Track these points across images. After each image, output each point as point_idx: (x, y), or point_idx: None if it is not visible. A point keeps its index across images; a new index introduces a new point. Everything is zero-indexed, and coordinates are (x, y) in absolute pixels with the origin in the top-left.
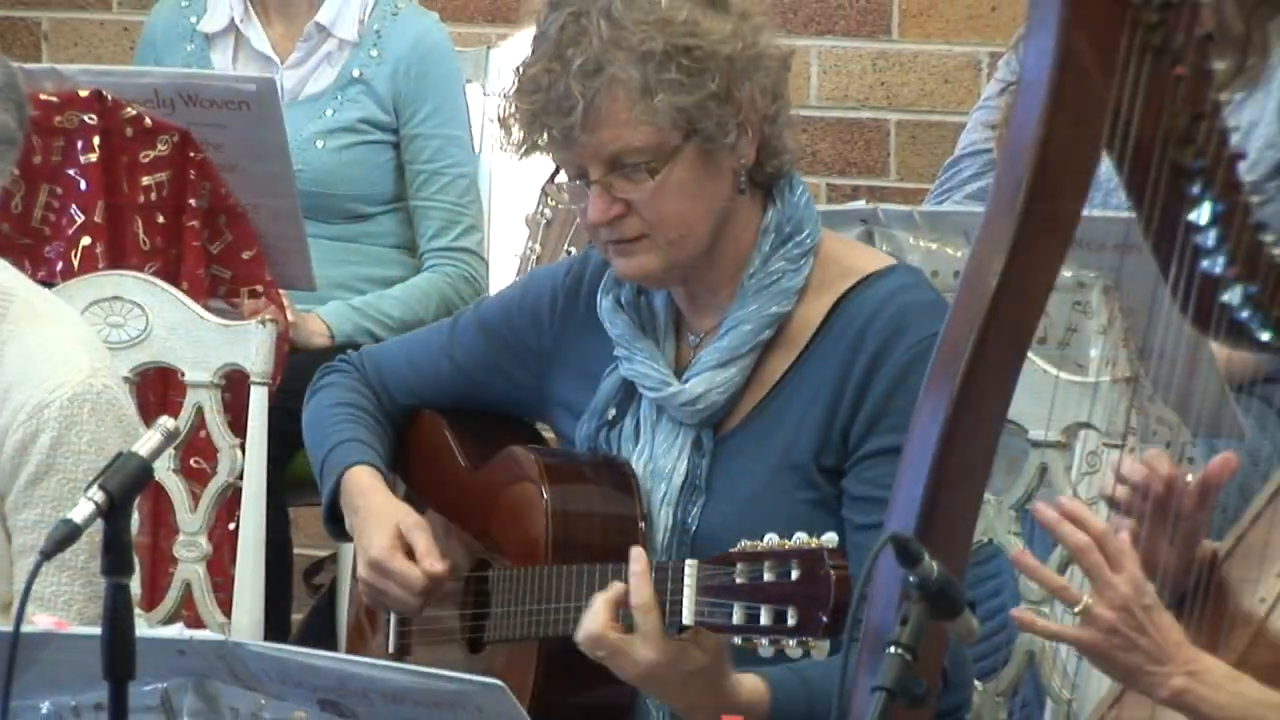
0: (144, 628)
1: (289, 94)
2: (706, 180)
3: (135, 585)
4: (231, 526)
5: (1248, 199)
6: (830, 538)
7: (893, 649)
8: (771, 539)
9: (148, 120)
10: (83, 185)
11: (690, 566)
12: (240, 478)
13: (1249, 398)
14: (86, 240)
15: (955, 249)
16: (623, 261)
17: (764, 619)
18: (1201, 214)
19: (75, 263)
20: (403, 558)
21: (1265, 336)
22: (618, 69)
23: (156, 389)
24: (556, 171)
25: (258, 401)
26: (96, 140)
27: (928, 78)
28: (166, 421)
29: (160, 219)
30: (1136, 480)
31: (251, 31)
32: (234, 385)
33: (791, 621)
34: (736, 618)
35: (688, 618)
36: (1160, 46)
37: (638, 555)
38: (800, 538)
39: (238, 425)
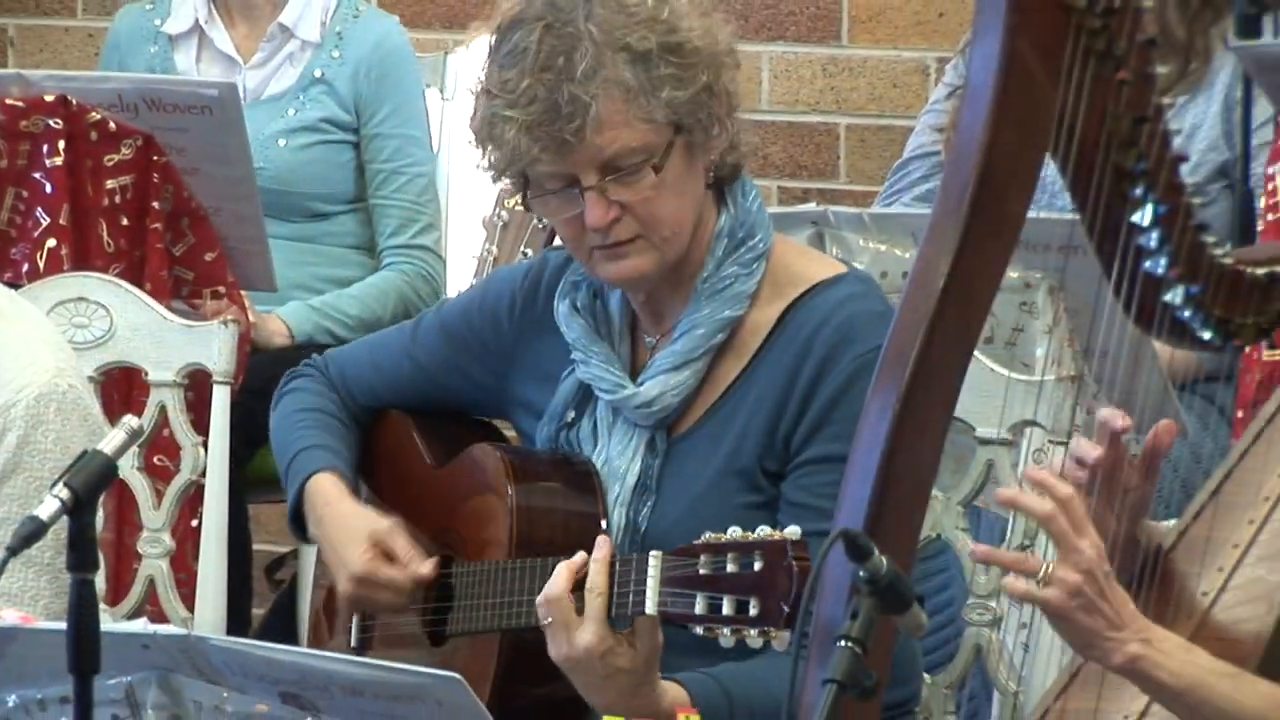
0: (109, 622)
1: (252, 94)
2: (690, 176)
3: (100, 581)
4: (194, 523)
5: (1190, 201)
6: (793, 530)
7: (843, 642)
8: (735, 532)
9: (112, 124)
10: (48, 188)
11: (654, 558)
12: (203, 475)
13: (1191, 396)
14: (52, 242)
15: (904, 250)
16: (614, 266)
17: (726, 609)
18: (1144, 216)
19: (41, 264)
20: (387, 567)
21: (1207, 336)
22: (614, 70)
23: (121, 388)
24: (525, 192)
25: (220, 400)
26: (62, 144)
27: (876, 82)
28: (130, 420)
29: (124, 221)
30: (1094, 457)
31: (215, 32)
32: (197, 385)
33: (754, 612)
34: (699, 608)
35: (650, 608)
36: (1104, 51)
37: (602, 542)
38: (763, 530)
39: (200, 424)
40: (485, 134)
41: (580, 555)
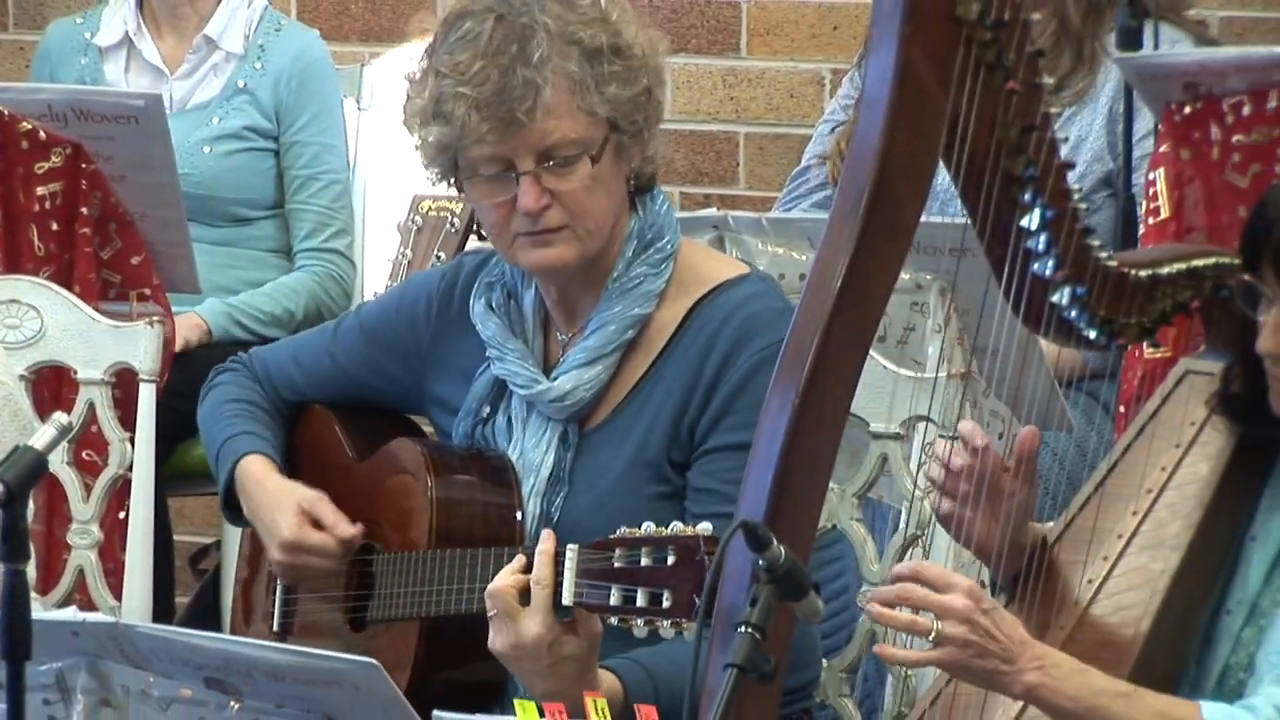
0: (40, 611)
1: (178, 103)
2: (616, 177)
3: (31, 570)
4: (121, 515)
5: (1076, 206)
6: (705, 527)
7: (743, 628)
8: (649, 527)
9: (42, 134)
10: None
11: (571, 551)
12: (129, 469)
13: (1077, 393)
14: None
15: (801, 254)
16: (538, 253)
17: (640, 601)
18: (1032, 220)
19: None
20: (314, 531)
21: (1092, 335)
22: (565, 61)
23: (51, 386)
24: (456, 176)
25: (146, 398)
26: None
27: (774, 93)
28: (60, 417)
29: (54, 226)
30: (958, 465)
31: (144, 44)
32: (123, 383)
33: (666, 604)
34: (614, 599)
35: (567, 599)
36: (993, 63)
37: (547, 535)
38: (676, 526)
39: (127, 420)
40: (432, 111)
41: (521, 558)
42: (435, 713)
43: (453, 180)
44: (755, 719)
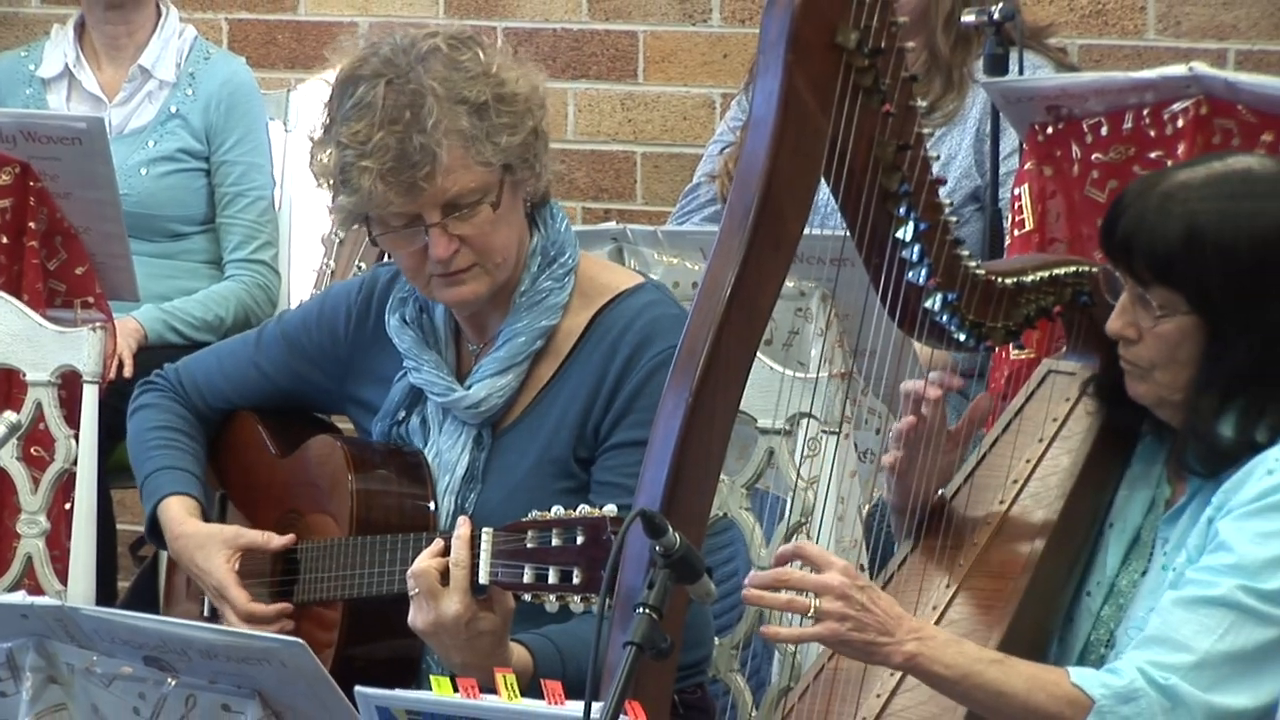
0: None
1: (116, 129)
2: (515, 208)
3: None
4: (67, 506)
5: (947, 219)
6: (610, 509)
7: (641, 609)
8: (559, 510)
9: None
10: None
11: (486, 534)
12: (75, 464)
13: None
14: None
15: (693, 264)
16: (452, 291)
17: (552, 578)
18: (906, 232)
19: None
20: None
21: (962, 337)
22: (455, 121)
23: (1, 387)
24: (370, 230)
25: (89, 398)
26: None
27: (669, 115)
28: (10, 415)
29: (4, 240)
30: (930, 396)
31: (83, 75)
32: (69, 384)
33: (576, 580)
34: (527, 577)
35: (484, 578)
36: (870, 87)
37: (463, 521)
38: (584, 509)
39: (72, 418)
40: (340, 180)
41: (439, 542)
42: (357, 689)
43: (368, 234)
44: (652, 692)
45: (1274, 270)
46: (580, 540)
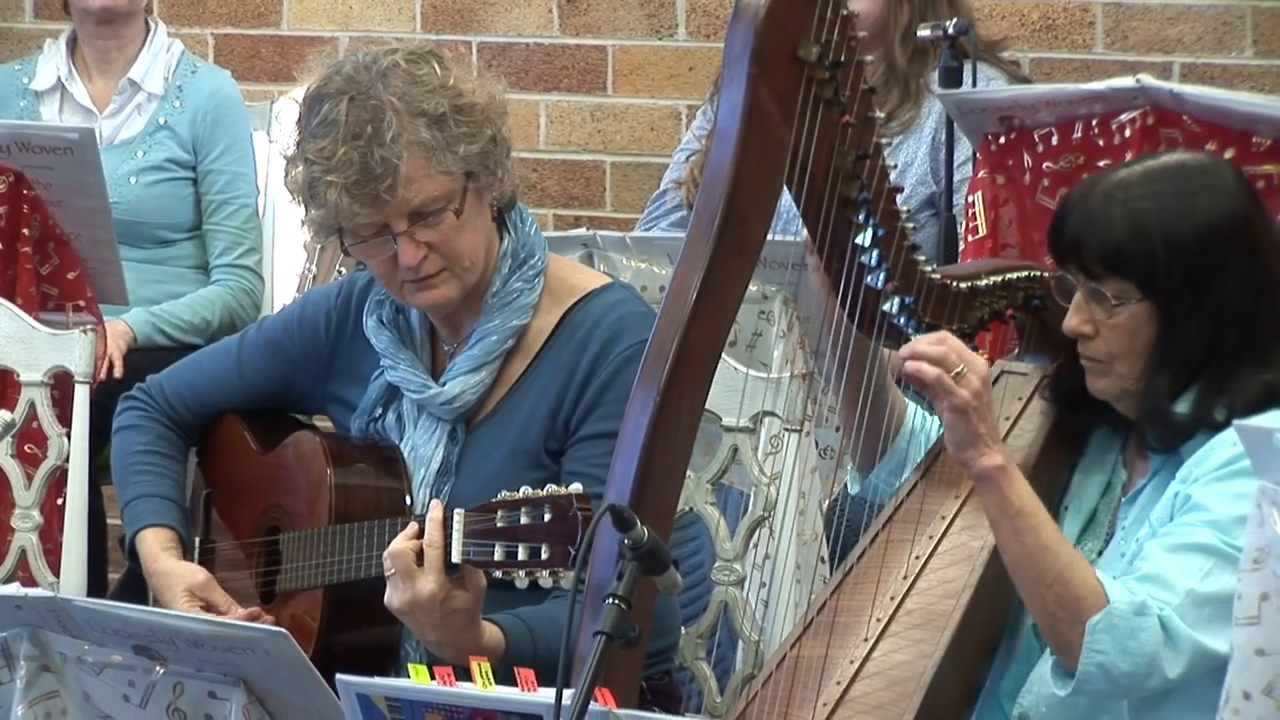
0: None
1: (106, 139)
2: (480, 213)
3: None
4: (60, 501)
5: (904, 225)
6: (576, 486)
7: (610, 600)
8: (526, 490)
9: None
10: None
11: (458, 515)
12: (67, 461)
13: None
14: None
15: (661, 268)
16: (424, 295)
17: (521, 555)
18: (865, 237)
19: None
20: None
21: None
22: (415, 133)
23: None
24: (342, 241)
25: (81, 397)
26: None
27: (637, 126)
28: (4, 414)
29: None
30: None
31: (75, 88)
32: (61, 384)
33: (545, 556)
34: (498, 555)
35: (456, 556)
36: (831, 99)
37: (435, 504)
38: (551, 487)
39: (64, 417)
40: (308, 196)
41: (414, 525)
42: (338, 676)
43: (341, 245)
44: (622, 679)
45: (1216, 252)
46: (548, 517)
